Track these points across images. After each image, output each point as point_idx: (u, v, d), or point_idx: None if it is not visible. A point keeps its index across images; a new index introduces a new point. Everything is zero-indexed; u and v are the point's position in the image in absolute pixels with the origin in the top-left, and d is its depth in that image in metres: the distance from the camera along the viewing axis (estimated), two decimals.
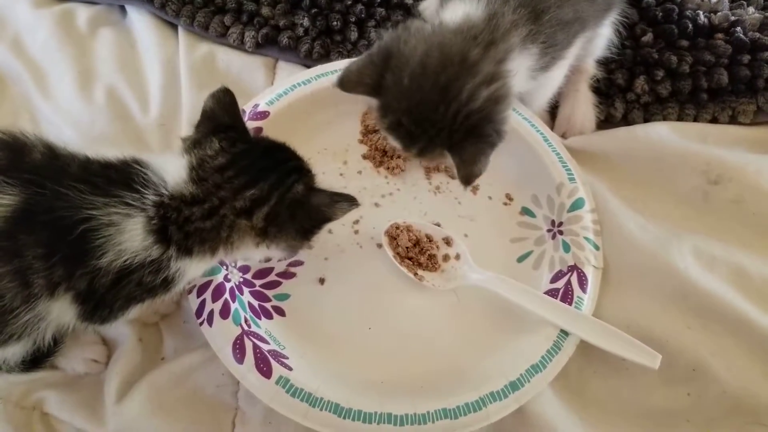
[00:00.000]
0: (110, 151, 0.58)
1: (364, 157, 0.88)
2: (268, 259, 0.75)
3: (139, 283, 0.53)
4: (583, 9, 0.76)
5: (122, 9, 1.01)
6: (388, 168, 0.86)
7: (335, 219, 0.62)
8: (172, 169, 0.57)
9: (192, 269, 0.57)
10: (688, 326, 0.71)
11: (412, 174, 0.86)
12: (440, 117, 0.66)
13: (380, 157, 0.87)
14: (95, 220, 0.51)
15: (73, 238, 0.50)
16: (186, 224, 0.55)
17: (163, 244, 0.54)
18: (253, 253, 0.61)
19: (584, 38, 0.83)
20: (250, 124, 0.81)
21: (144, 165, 0.56)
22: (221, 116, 0.61)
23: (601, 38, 0.89)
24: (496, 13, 0.70)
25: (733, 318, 0.70)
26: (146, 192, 0.54)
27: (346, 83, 0.68)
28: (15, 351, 0.58)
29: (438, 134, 0.67)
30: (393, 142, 0.73)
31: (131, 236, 0.52)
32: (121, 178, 0.54)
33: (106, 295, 0.53)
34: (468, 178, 0.68)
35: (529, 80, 0.77)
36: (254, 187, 0.57)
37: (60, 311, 0.53)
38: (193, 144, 0.60)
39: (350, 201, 0.61)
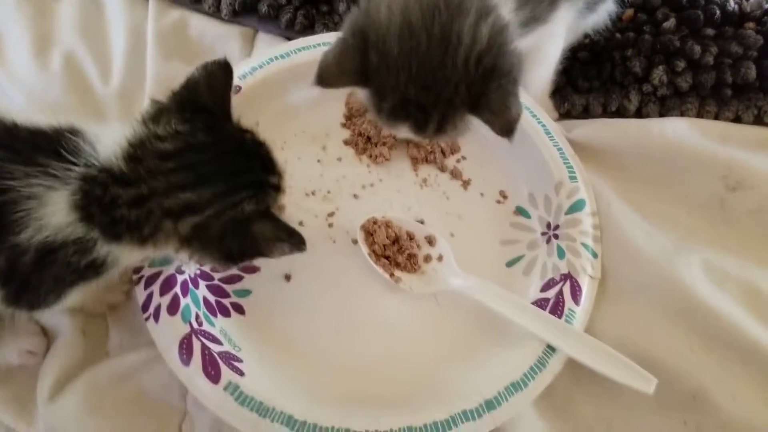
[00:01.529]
0: (48, 119, 0.55)
1: (346, 142, 0.86)
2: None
3: (66, 264, 0.52)
4: None
5: None
6: (371, 156, 0.84)
7: (270, 257, 0.57)
8: (107, 140, 0.53)
9: (126, 256, 0.55)
10: (691, 348, 0.69)
11: (397, 164, 0.84)
12: (450, 71, 0.62)
13: (363, 143, 0.85)
14: (14, 192, 0.49)
15: None
16: (112, 207, 0.52)
17: (88, 223, 0.51)
18: (175, 257, 0.58)
19: (573, 7, 0.79)
20: None
21: (76, 133, 0.53)
22: (203, 93, 0.57)
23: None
24: None
25: (743, 342, 0.68)
26: (72, 163, 0.51)
27: (325, 77, 0.64)
28: None
29: (455, 93, 0.63)
30: (400, 132, 0.68)
31: (53, 210, 0.50)
32: (47, 146, 0.52)
33: (30, 276, 0.51)
34: (508, 128, 0.63)
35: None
36: (193, 190, 0.53)
37: None
38: (156, 113, 0.56)
39: (296, 244, 0.56)
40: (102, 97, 0.86)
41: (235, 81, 0.81)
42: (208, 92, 0.57)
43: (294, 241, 0.56)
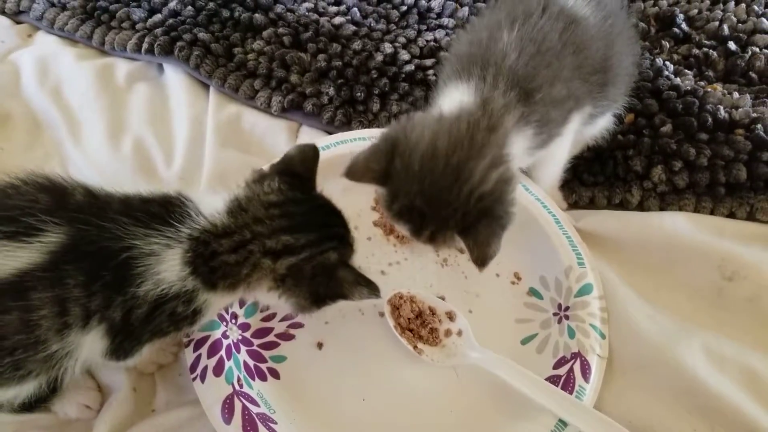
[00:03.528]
0: (146, 187, 0.63)
1: (375, 224, 0.91)
2: (266, 308, 0.77)
3: (172, 313, 0.57)
4: (576, 86, 0.80)
5: (160, 66, 1.09)
6: (398, 237, 0.89)
7: (351, 299, 0.64)
8: (209, 201, 0.61)
9: (216, 302, 0.60)
10: (694, 428, 0.70)
11: (420, 245, 0.89)
12: (454, 198, 0.69)
13: (391, 225, 0.90)
14: (137, 249, 0.55)
15: (115, 264, 0.54)
16: (212, 258, 0.58)
17: (195, 275, 0.57)
18: (262, 298, 0.64)
19: (583, 114, 0.86)
20: None
21: (184, 197, 0.60)
22: (297, 164, 0.66)
23: (602, 120, 0.93)
24: (488, 99, 0.73)
25: (743, 423, 0.69)
26: (183, 225, 0.58)
27: (354, 172, 0.71)
28: (24, 391, 0.60)
29: (451, 215, 0.69)
30: (401, 229, 0.75)
31: (170, 266, 0.56)
32: (160, 211, 0.58)
33: (137, 329, 0.56)
34: (482, 259, 0.69)
35: (527, 157, 0.80)
36: (292, 234, 0.60)
37: (90, 345, 0.56)
38: (258, 178, 0.64)
39: (373, 290, 0.63)
40: (165, 178, 0.92)
41: None
42: (301, 165, 0.66)
43: (372, 287, 0.63)
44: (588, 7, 0.85)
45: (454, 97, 0.78)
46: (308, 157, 0.67)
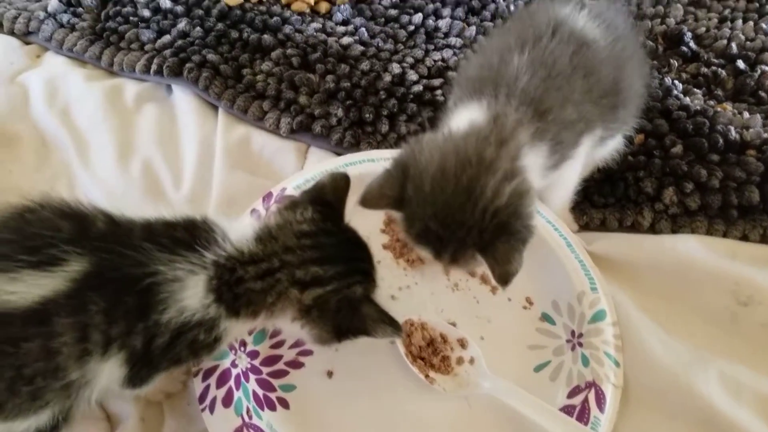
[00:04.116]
0: (154, 210, 0.61)
1: (385, 246, 0.89)
2: (276, 333, 0.76)
3: (193, 341, 0.56)
4: (586, 109, 0.78)
5: (169, 87, 1.08)
6: (408, 260, 0.87)
7: (373, 337, 0.62)
8: (238, 227, 0.60)
9: (235, 329, 0.59)
10: None
11: (431, 268, 0.87)
12: (468, 217, 0.67)
13: (401, 248, 0.89)
14: (161, 274, 0.54)
15: (138, 290, 0.53)
16: (237, 284, 0.57)
17: (219, 303, 0.56)
18: (284, 327, 0.62)
19: (594, 136, 0.84)
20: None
21: (211, 223, 0.59)
22: (328, 193, 0.65)
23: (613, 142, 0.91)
24: (500, 114, 0.72)
25: None
26: (208, 250, 0.57)
27: (368, 200, 0.70)
28: (38, 422, 0.57)
29: (468, 235, 0.67)
30: (422, 253, 0.73)
31: (193, 293, 0.55)
32: (185, 237, 0.57)
33: (156, 355, 0.55)
34: (504, 278, 0.67)
35: (542, 178, 0.78)
36: (321, 265, 0.59)
37: (108, 374, 0.55)
38: (290, 205, 0.64)
39: (395, 328, 0.62)
40: (174, 201, 0.91)
41: (290, 191, 0.88)
42: (332, 193, 0.65)
43: (395, 326, 0.62)
44: (598, 29, 0.84)
45: (464, 117, 0.76)
46: (340, 186, 0.66)
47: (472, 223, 0.67)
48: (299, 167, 0.98)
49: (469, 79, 0.83)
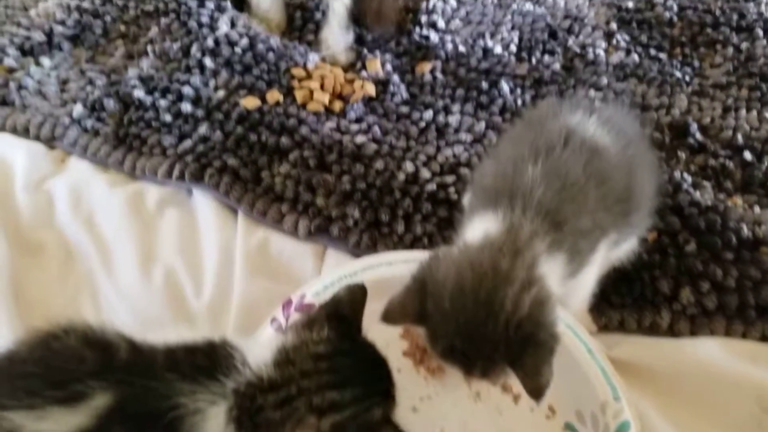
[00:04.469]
0: (191, 333, 0.62)
1: (405, 354, 0.90)
2: None
3: None
4: (601, 217, 0.80)
5: (189, 188, 1.11)
6: (428, 368, 0.88)
7: None
8: (258, 350, 0.61)
9: None
10: None
11: (451, 376, 0.88)
12: (492, 332, 0.67)
13: (420, 354, 0.89)
14: (183, 407, 0.54)
15: (161, 426, 0.53)
16: (257, 414, 0.57)
17: None
18: None
19: (609, 241, 0.86)
20: (296, 317, 0.85)
21: (230, 347, 0.60)
22: (346, 307, 0.66)
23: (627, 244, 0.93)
24: (514, 225, 0.74)
25: None
26: (229, 378, 0.57)
27: (390, 317, 0.71)
28: None
29: (496, 350, 0.68)
30: (452, 369, 0.73)
31: (215, 424, 0.55)
32: (206, 364, 0.58)
33: None
34: (537, 392, 0.67)
35: (561, 286, 0.80)
36: (339, 390, 0.59)
37: None
38: (307, 323, 0.64)
39: None
40: (195, 310, 0.93)
41: (310, 299, 0.89)
42: (349, 306, 0.66)
43: None
44: (608, 136, 0.87)
45: (479, 228, 0.78)
46: (357, 299, 0.68)
47: (497, 338, 0.67)
48: (317, 270, 1.00)
49: (484, 189, 0.86)
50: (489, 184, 0.86)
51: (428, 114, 1.21)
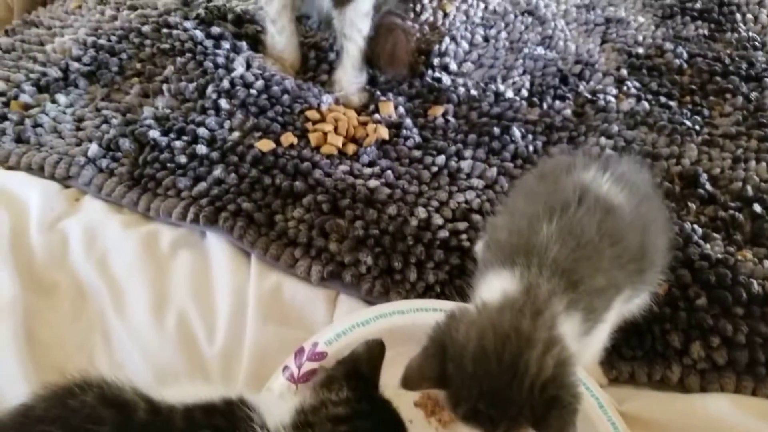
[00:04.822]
0: (208, 389, 0.63)
1: (416, 404, 0.91)
2: None
3: None
4: (614, 275, 0.81)
5: (203, 231, 1.13)
6: (440, 420, 0.89)
7: None
8: (275, 411, 0.61)
9: None
10: None
11: (463, 430, 0.88)
12: (516, 395, 0.68)
13: (432, 406, 0.90)
14: None
15: None
16: None
17: None
18: None
19: (623, 298, 0.87)
20: (308, 366, 0.86)
21: (248, 407, 0.60)
22: (363, 363, 0.67)
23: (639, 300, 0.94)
24: (532, 285, 0.75)
25: None
26: None
27: (410, 381, 0.71)
28: None
29: (520, 412, 0.68)
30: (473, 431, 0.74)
31: None
32: (224, 425, 0.58)
33: None
34: None
35: (575, 344, 0.81)
36: None
37: None
38: (326, 381, 0.65)
39: None
40: (207, 357, 0.94)
41: (322, 347, 0.90)
42: (367, 363, 0.67)
43: None
44: (622, 193, 0.89)
45: (496, 285, 0.79)
46: (375, 354, 0.69)
47: (522, 401, 0.68)
48: (329, 316, 1.01)
49: (498, 244, 0.87)
50: (504, 239, 0.87)
51: (440, 159, 1.23)
